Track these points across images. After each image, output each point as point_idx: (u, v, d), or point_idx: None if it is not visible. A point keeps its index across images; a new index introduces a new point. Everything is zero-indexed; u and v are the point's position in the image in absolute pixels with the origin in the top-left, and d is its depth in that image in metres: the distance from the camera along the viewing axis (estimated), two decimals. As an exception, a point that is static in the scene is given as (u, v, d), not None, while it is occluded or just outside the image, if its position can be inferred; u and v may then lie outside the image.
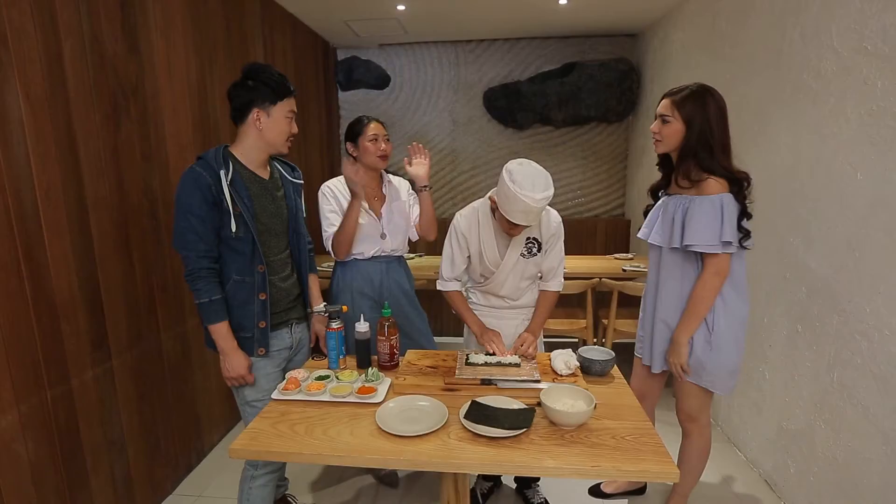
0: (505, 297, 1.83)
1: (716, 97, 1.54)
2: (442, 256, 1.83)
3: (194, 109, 2.29)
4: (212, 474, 2.29)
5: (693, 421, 1.75)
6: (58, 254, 1.58)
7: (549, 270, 1.80)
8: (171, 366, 2.15)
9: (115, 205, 1.82)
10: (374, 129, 1.93)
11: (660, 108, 1.61)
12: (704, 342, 1.60)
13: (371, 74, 4.22)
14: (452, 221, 1.80)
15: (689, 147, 1.55)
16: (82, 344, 1.68)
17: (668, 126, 1.58)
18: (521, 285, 1.81)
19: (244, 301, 1.51)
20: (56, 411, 1.58)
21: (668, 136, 1.59)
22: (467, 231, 1.76)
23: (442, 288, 1.84)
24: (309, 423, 1.28)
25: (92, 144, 1.72)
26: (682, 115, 1.55)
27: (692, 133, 1.54)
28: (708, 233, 1.50)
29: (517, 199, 1.48)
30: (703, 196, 1.52)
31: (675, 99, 1.56)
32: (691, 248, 1.54)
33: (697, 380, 1.65)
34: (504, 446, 1.17)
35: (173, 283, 2.13)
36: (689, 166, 1.56)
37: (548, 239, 1.74)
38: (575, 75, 3.96)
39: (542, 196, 1.48)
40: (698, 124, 1.53)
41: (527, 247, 1.73)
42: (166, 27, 2.10)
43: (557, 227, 1.75)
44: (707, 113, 1.52)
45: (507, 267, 1.74)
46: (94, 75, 1.72)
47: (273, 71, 1.48)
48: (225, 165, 1.44)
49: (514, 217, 1.53)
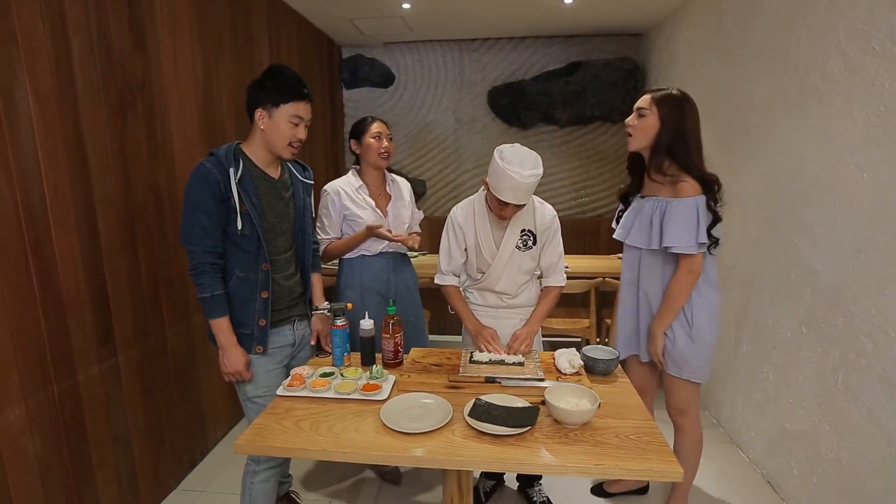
0: (502, 295, 1.82)
1: (693, 105, 1.61)
2: (440, 251, 1.85)
3: (200, 106, 2.30)
4: (216, 470, 2.30)
5: (683, 415, 1.79)
6: (65, 250, 1.59)
7: (549, 266, 1.80)
8: (176, 362, 2.17)
9: (121, 201, 1.83)
10: (377, 127, 1.98)
11: (638, 103, 1.65)
12: (686, 337, 1.67)
13: (376, 73, 4.23)
14: (449, 214, 1.81)
15: (662, 143, 1.60)
16: (89, 339, 1.70)
17: (643, 120, 1.62)
18: (518, 280, 1.80)
19: (246, 298, 1.52)
20: (62, 406, 1.60)
21: (641, 130, 1.63)
22: (463, 222, 1.77)
23: (440, 282, 1.85)
24: (314, 419, 1.29)
25: (99, 141, 1.73)
26: (660, 111, 1.59)
27: (667, 129, 1.59)
28: (685, 235, 1.57)
29: (505, 174, 1.50)
30: (680, 199, 1.58)
31: (655, 95, 1.61)
32: (671, 249, 1.60)
33: (679, 373, 1.71)
34: (508, 444, 1.18)
35: (179, 280, 2.14)
36: (661, 161, 1.60)
37: (542, 231, 1.75)
38: (580, 75, 3.95)
39: (529, 172, 1.51)
40: (673, 123, 1.58)
41: (522, 239, 1.74)
42: (173, 25, 2.11)
43: (552, 221, 1.76)
44: (683, 115, 1.58)
45: (503, 259, 1.74)
46: (102, 72, 1.73)
47: (287, 73, 1.47)
48: (235, 163, 1.44)
49: (503, 194, 1.54)
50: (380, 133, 1.97)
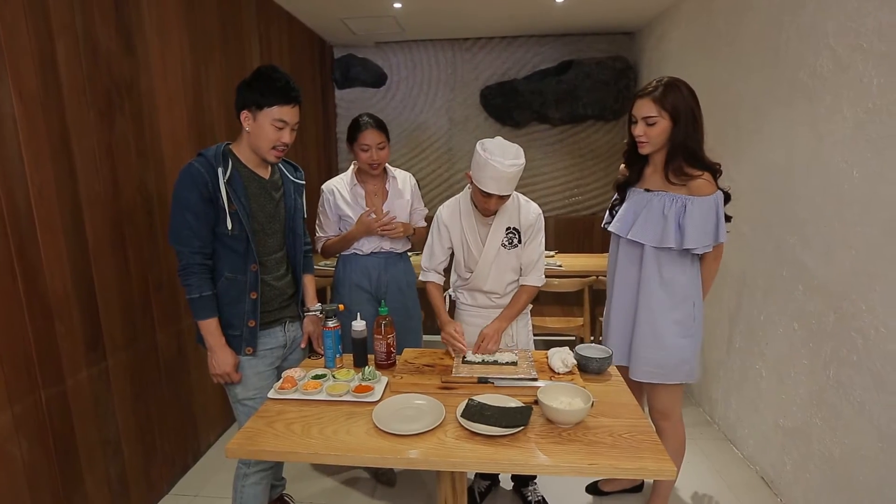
0: (490, 294, 1.82)
1: (689, 86, 1.57)
2: (424, 248, 1.86)
3: (190, 107, 2.28)
4: (209, 473, 2.28)
5: (667, 418, 1.77)
6: (51, 252, 1.57)
7: (529, 264, 1.78)
8: (167, 365, 2.14)
9: (109, 203, 1.81)
10: (367, 138, 1.93)
11: (640, 111, 1.57)
12: (687, 335, 1.66)
13: (368, 73, 4.21)
14: (436, 212, 1.81)
15: (678, 141, 1.55)
16: (77, 343, 1.67)
17: (654, 127, 1.56)
18: (506, 279, 1.80)
19: (235, 299, 1.51)
20: (50, 411, 1.57)
21: (655, 136, 1.57)
22: (449, 221, 1.77)
23: (422, 278, 1.87)
24: (305, 422, 1.28)
25: (86, 142, 1.70)
26: (668, 110, 1.54)
27: (680, 127, 1.54)
28: (708, 236, 1.56)
29: (488, 164, 1.51)
30: (701, 198, 1.54)
31: (656, 96, 1.54)
32: (695, 250, 1.58)
33: (678, 377, 1.68)
34: (501, 444, 1.17)
35: (168, 282, 2.12)
36: (679, 164, 1.56)
37: (527, 229, 1.74)
38: (572, 73, 3.95)
39: (510, 162, 1.51)
40: (684, 115, 1.53)
41: (507, 237, 1.73)
42: (161, 25, 2.08)
43: (536, 219, 1.75)
44: (688, 100, 1.53)
45: (489, 256, 1.74)
46: (88, 73, 1.71)
47: (275, 76, 1.44)
48: (223, 163, 1.43)
49: (486, 185, 1.55)
50: (369, 146, 1.93)
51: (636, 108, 1.59)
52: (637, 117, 1.59)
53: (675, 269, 1.64)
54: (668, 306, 1.65)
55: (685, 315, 1.66)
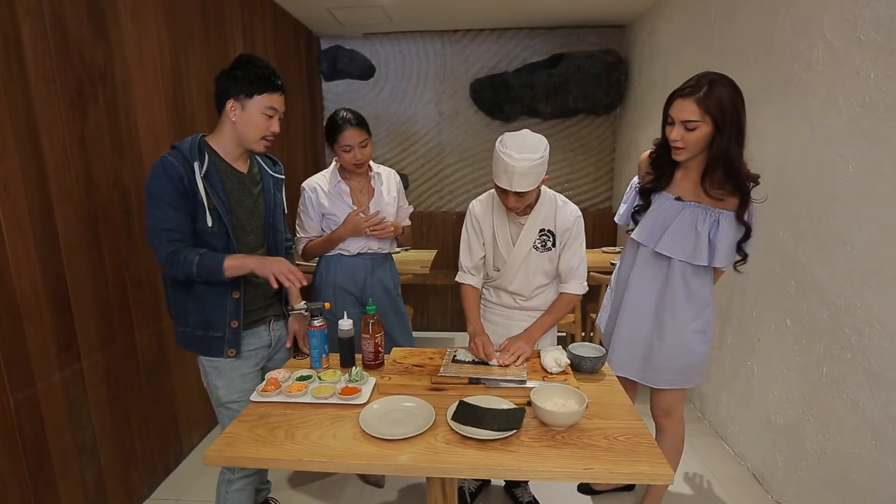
0: (515, 296, 1.73)
1: (732, 82, 1.40)
2: (460, 246, 1.76)
3: (169, 98, 2.19)
4: (191, 477, 2.22)
5: (668, 416, 1.74)
6: (19, 250, 1.49)
7: (568, 270, 1.66)
8: (147, 366, 2.07)
9: (82, 198, 1.72)
10: (348, 138, 1.83)
11: (680, 113, 1.40)
12: (706, 341, 1.63)
13: (355, 65, 4.13)
14: (469, 207, 1.73)
15: (719, 152, 1.40)
16: (48, 345, 1.59)
17: (693, 133, 1.40)
18: (533, 282, 1.70)
19: (216, 298, 1.44)
20: (20, 417, 1.50)
21: (693, 143, 1.41)
22: (482, 216, 1.69)
23: (459, 280, 1.76)
24: (289, 426, 1.22)
25: (56, 134, 1.62)
26: (713, 115, 1.36)
27: (724, 135, 1.38)
28: (735, 252, 1.53)
29: (499, 158, 1.46)
30: (735, 213, 1.47)
31: (700, 97, 1.36)
32: (722, 268, 1.56)
33: (696, 379, 1.66)
34: (493, 449, 1.13)
35: (147, 280, 2.04)
36: (718, 176, 1.43)
37: (563, 232, 1.64)
38: (562, 67, 3.90)
39: (520, 156, 1.42)
40: (730, 121, 1.36)
41: (540, 239, 1.64)
42: (137, 11, 1.99)
43: (575, 222, 1.63)
44: (736, 104, 1.36)
45: (518, 257, 1.65)
46: (58, 60, 1.62)
47: (260, 63, 1.38)
48: (200, 157, 1.36)
49: (499, 179, 1.49)
50: (350, 146, 1.83)
51: (675, 109, 1.42)
52: (675, 119, 1.42)
53: (699, 280, 1.58)
54: (691, 317, 1.60)
55: (706, 322, 1.62)
